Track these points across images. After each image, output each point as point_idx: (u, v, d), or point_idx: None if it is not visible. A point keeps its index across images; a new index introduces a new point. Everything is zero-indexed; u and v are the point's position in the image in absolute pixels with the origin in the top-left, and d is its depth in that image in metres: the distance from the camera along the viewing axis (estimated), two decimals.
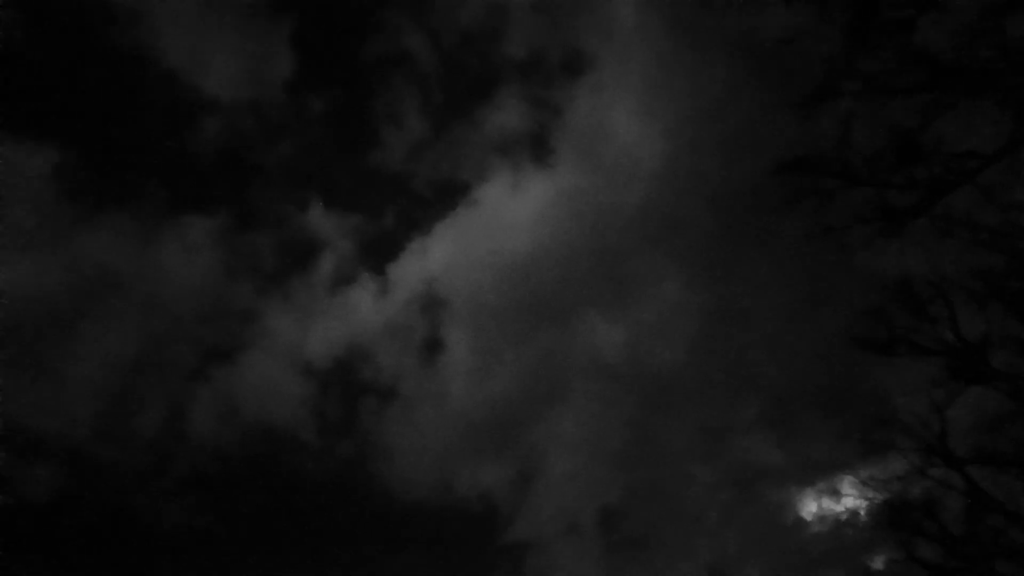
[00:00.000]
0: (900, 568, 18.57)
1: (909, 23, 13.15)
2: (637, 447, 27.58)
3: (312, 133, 32.70)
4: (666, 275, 29.78)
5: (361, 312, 31.09)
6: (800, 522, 21.04)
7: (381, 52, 32.43)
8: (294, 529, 27.71)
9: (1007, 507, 17.40)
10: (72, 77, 29.14)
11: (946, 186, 13.69)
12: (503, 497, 27.57)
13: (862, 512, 19.12)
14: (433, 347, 30.70)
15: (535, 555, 26.06)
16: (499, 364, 30.07)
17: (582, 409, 28.77)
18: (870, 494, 18.68)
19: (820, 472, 20.71)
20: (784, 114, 14.17)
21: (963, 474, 17.88)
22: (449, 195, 32.42)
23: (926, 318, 17.13)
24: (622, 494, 26.73)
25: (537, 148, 32.40)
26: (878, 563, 19.13)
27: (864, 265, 16.52)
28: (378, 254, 32.13)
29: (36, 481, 25.99)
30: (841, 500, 19.83)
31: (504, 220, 31.90)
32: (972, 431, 17.91)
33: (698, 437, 27.05)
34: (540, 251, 30.59)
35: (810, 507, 20.89)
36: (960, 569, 18.23)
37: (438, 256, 31.37)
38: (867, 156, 14.38)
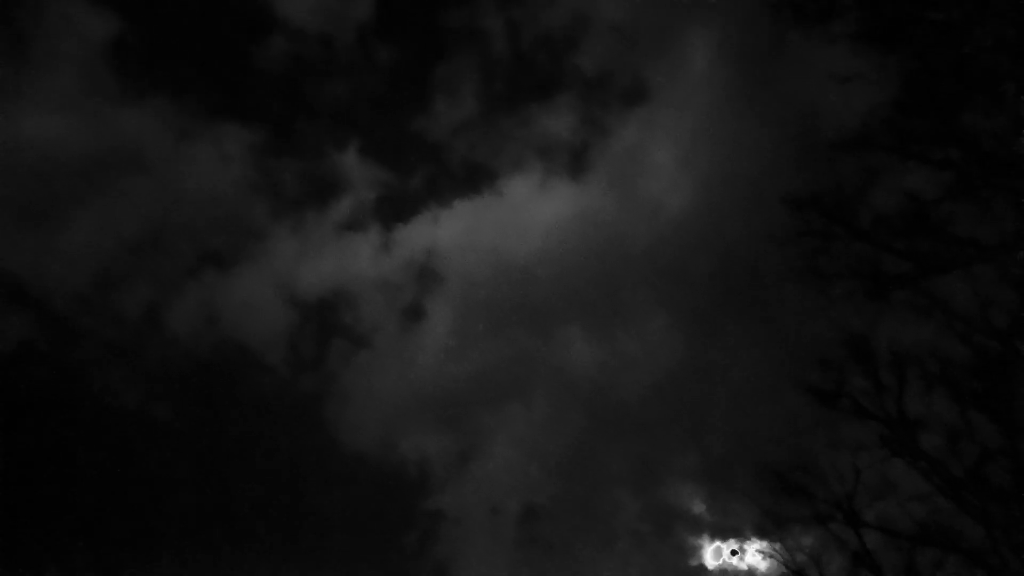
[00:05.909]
0: None
1: (960, 102, 13.23)
2: (575, 460, 29.58)
3: (368, 80, 33.28)
4: (653, 315, 31.41)
5: (359, 260, 32.33)
6: (703, 569, 23.40)
7: (458, 24, 33.02)
8: (239, 444, 28.94)
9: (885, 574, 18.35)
10: None
11: (940, 266, 13.97)
12: (437, 467, 29.41)
13: (761, 570, 21.05)
14: (416, 313, 32.29)
15: (451, 526, 28.05)
16: (471, 348, 31.62)
17: (535, 412, 30.68)
18: (772, 557, 20.22)
19: (733, 531, 22.80)
20: (813, 153, 14.26)
21: (858, 535, 18.70)
22: (477, 177, 33.48)
23: (876, 383, 17.64)
24: (548, 498, 28.80)
25: (574, 160, 33.58)
26: None
27: (836, 319, 16.90)
28: (392, 211, 33.30)
29: (4, 326, 26.15)
30: (744, 559, 21.87)
31: (520, 217, 33.08)
32: (879, 498, 18.70)
33: (634, 468, 29.13)
34: (544, 256, 31.85)
35: (715, 559, 23.08)
36: None
37: (447, 231, 32.51)
38: (877, 214, 14.58)
